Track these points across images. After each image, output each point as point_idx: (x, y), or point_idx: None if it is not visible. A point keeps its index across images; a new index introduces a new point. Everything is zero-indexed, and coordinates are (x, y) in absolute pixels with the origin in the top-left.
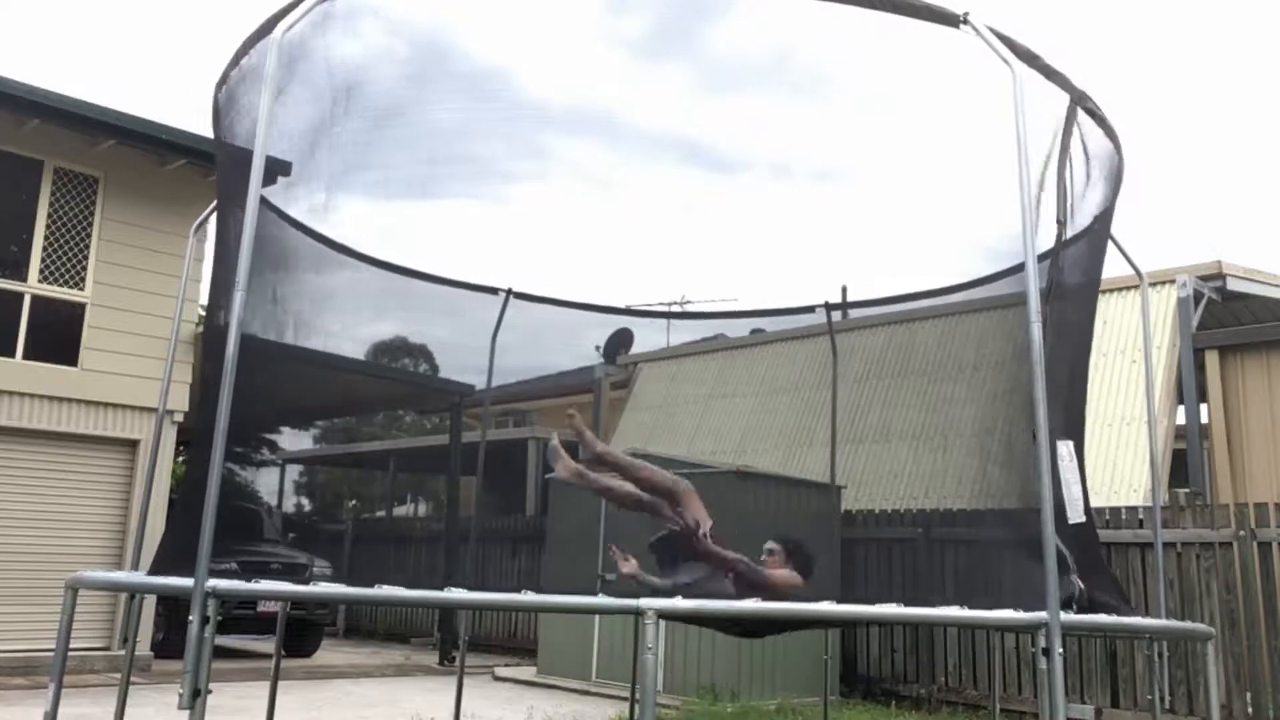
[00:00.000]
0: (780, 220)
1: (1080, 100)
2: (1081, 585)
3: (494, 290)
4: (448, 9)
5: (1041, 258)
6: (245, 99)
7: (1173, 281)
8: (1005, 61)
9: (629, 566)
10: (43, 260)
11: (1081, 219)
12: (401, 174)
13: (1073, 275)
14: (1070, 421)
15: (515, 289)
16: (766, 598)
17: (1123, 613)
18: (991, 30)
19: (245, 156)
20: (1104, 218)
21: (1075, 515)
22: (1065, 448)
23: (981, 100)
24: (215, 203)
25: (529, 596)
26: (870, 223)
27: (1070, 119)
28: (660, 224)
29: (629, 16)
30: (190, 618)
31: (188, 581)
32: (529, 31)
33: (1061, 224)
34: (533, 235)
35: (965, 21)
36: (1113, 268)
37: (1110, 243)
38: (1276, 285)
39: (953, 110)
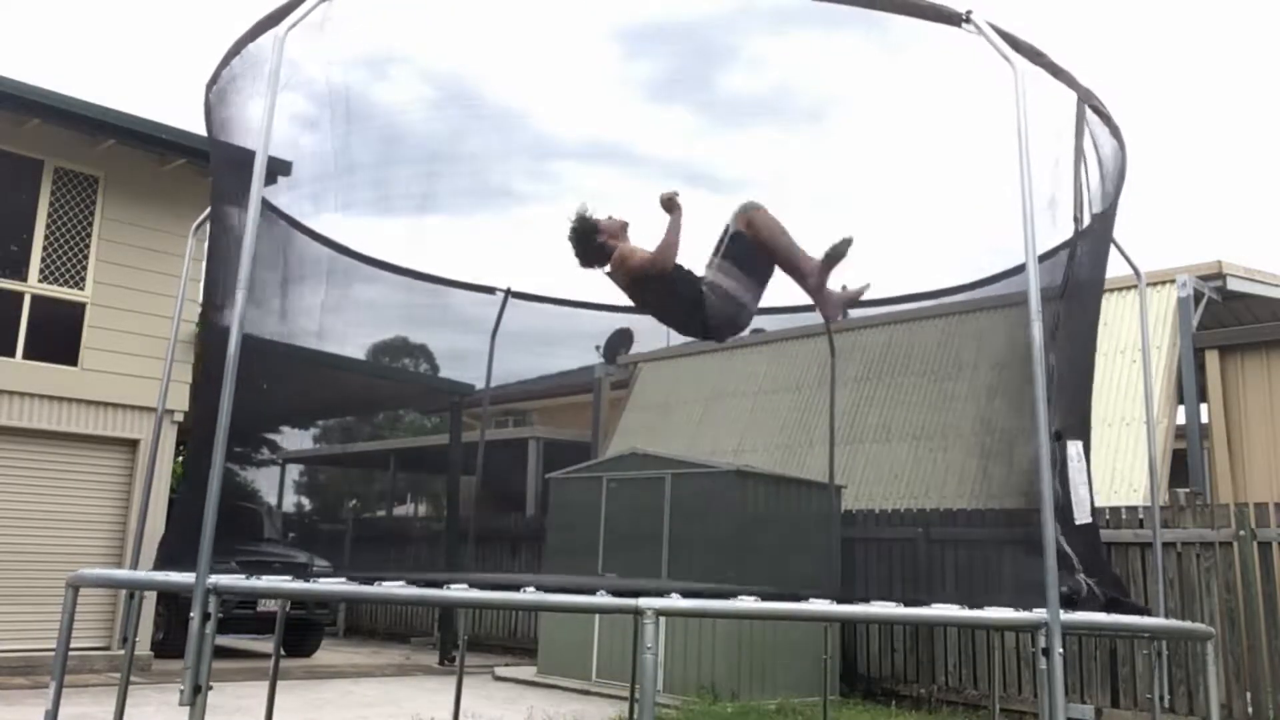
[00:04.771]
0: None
1: (1086, 98)
2: (1089, 582)
3: (492, 290)
4: (476, 54)
5: (1045, 256)
6: (239, 99)
7: (1173, 281)
8: (1007, 59)
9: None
10: (43, 260)
11: (1090, 217)
12: (407, 190)
13: (1080, 274)
14: (1077, 422)
15: (513, 289)
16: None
17: (1139, 611)
18: (994, 28)
19: (240, 155)
20: (1107, 216)
21: (1083, 516)
22: (1075, 448)
23: (984, 105)
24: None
25: (529, 596)
26: (872, 223)
27: (1080, 117)
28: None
29: (641, 60)
30: (191, 614)
31: (189, 577)
32: (548, 73)
33: (1078, 221)
34: (540, 248)
35: (968, 19)
36: (1112, 268)
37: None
38: (1276, 285)
39: (955, 113)
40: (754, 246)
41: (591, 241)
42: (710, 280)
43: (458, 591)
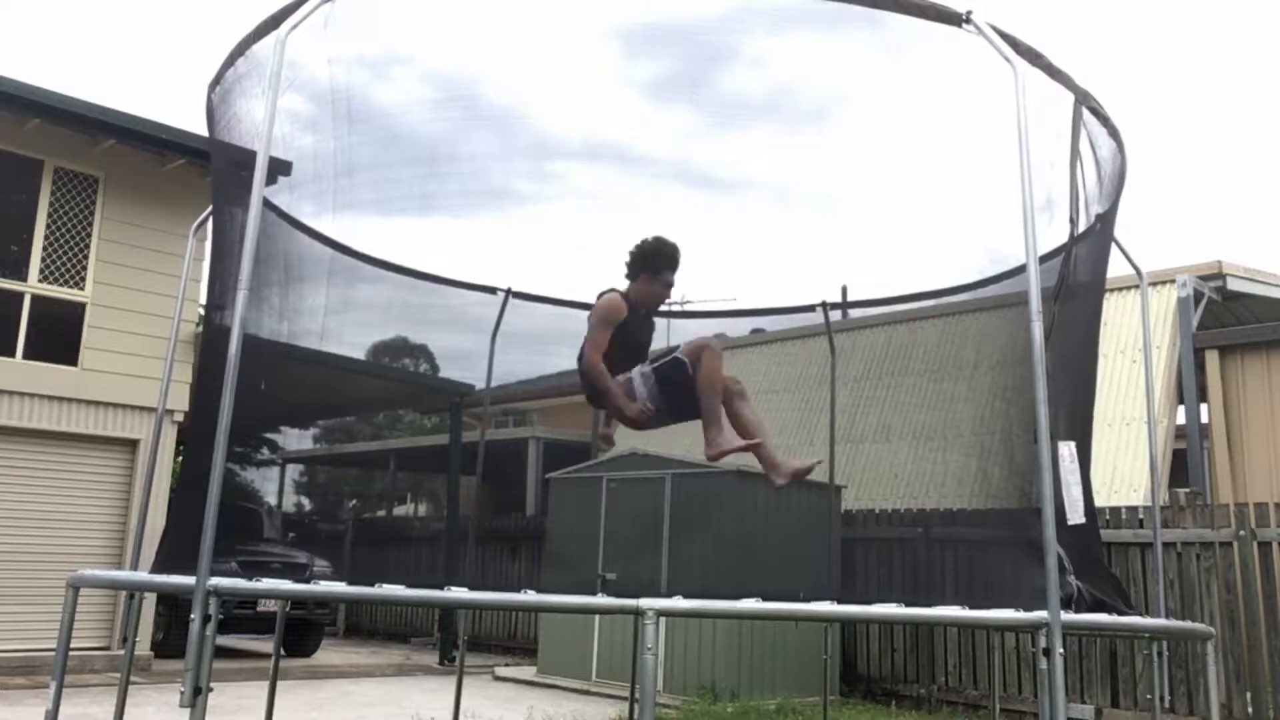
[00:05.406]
0: (782, 226)
1: (1084, 99)
2: (1080, 585)
3: (493, 290)
4: (477, 54)
5: (1045, 258)
6: (241, 101)
7: (1173, 281)
8: (1007, 60)
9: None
10: (43, 260)
11: (1090, 218)
12: (408, 190)
13: (1079, 275)
14: (1077, 422)
15: (514, 289)
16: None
17: (1123, 613)
18: (994, 29)
19: (241, 156)
20: (1108, 217)
21: (1075, 516)
22: (1067, 448)
23: (983, 106)
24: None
25: (529, 596)
26: (871, 225)
27: (1077, 119)
28: (663, 235)
29: (642, 60)
30: (191, 616)
31: (189, 580)
32: (549, 73)
33: (1074, 223)
34: (540, 248)
35: (968, 20)
36: (1112, 268)
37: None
38: (1276, 285)
39: (954, 114)
40: (688, 380)
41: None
42: (631, 376)
43: (458, 593)
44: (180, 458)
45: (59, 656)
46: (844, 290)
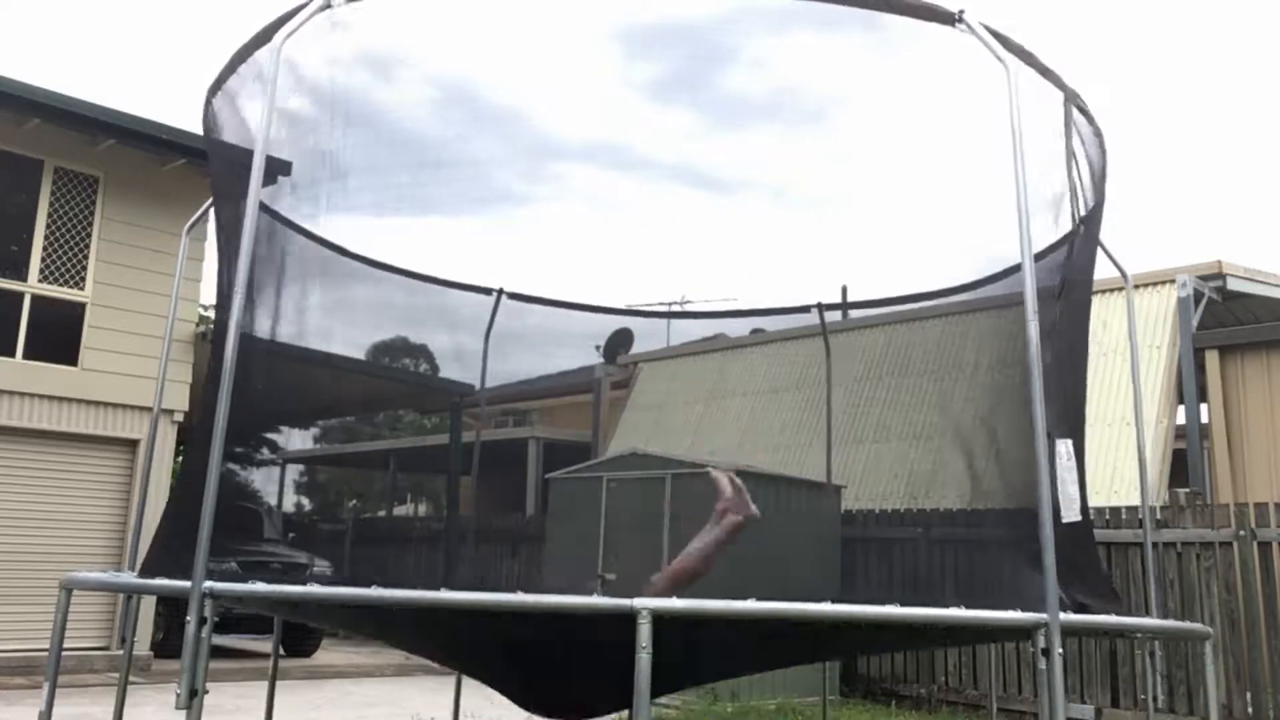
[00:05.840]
0: (782, 227)
1: (1072, 99)
2: (1062, 589)
3: (487, 290)
4: (478, 56)
5: (1041, 255)
6: (242, 103)
7: (1172, 281)
8: (999, 59)
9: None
10: (43, 260)
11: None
12: (409, 191)
13: (1070, 274)
14: (1070, 420)
15: (513, 290)
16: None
17: (1114, 614)
18: (986, 28)
19: (243, 158)
20: (1094, 216)
21: (1070, 515)
22: (1064, 446)
23: (980, 106)
24: (209, 204)
25: (524, 598)
26: (870, 225)
27: (1068, 117)
28: (663, 235)
29: (642, 61)
30: (187, 618)
31: (184, 583)
32: (550, 75)
33: (1074, 220)
34: (542, 249)
35: (960, 20)
36: (1112, 268)
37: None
38: (1276, 285)
39: (952, 113)
40: None
41: None
42: None
43: (455, 594)
44: (180, 457)
45: (51, 656)
46: (844, 290)
